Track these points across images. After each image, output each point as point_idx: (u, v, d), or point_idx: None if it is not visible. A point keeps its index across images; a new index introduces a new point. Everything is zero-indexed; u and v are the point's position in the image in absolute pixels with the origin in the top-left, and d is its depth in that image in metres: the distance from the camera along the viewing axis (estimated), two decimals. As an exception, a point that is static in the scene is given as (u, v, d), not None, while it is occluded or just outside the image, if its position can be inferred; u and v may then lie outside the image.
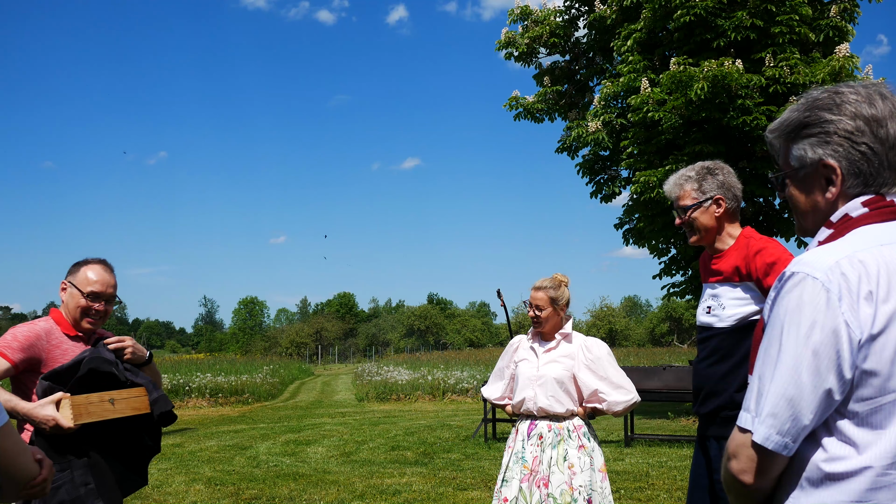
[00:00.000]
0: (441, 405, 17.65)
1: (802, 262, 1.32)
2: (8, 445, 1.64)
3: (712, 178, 2.86)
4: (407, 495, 6.83)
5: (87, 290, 2.89)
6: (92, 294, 2.89)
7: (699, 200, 2.85)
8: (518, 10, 13.89)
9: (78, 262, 2.97)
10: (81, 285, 2.89)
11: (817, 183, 1.42)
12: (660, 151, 11.90)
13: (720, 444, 2.79)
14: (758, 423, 1.29)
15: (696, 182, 2.87)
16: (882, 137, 1.36)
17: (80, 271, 2.92)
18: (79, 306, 2.88)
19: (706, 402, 2.87)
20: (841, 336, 1.25)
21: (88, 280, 2.90)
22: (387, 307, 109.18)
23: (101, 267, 2.95)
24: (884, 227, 1.35)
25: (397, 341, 76.27)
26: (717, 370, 2.81)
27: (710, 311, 2.87)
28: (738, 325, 2.77)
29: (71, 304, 2.89)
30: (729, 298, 2.80)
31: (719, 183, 2.86)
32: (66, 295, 2.91)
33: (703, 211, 2.86)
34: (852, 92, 1.39)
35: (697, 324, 2.97)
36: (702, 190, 2.86)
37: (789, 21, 11.00)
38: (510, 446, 3.65)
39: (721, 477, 1.40)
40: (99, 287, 2.91)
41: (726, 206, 2.86)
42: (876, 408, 1.26)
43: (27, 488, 1.75)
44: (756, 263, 2.72)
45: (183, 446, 10.60)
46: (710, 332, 2.86)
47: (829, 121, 1.38)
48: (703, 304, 2.93)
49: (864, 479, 1.25)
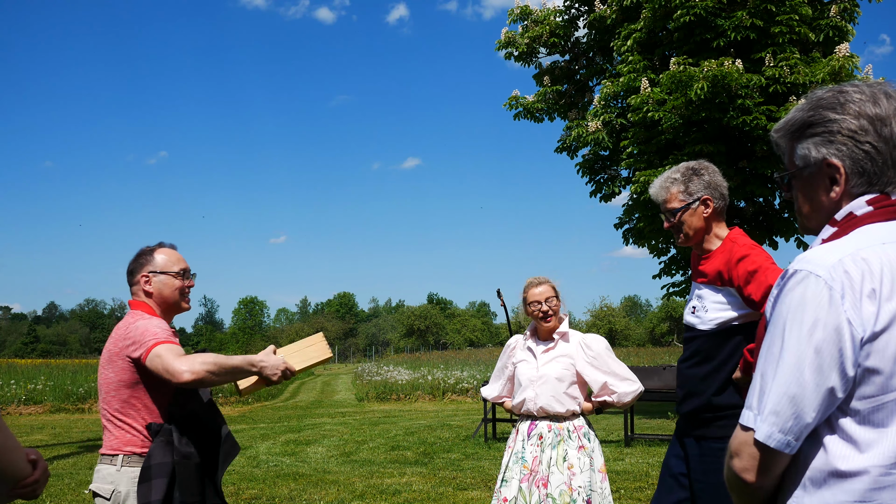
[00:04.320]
0: (441, 405, 17.65)
1: (805, 260, 1.32)
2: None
3: (698, 178, 2.82)
4: (407, 495, 6.82)
5: (177, 268, 2.85)
6: (184, 270, 2.87)
7: (687, 202, 2.82)
8: (518, 10, 13.89)
9: (142, 253, 2.88)
10: (169, 267, 2.84)
11: (822, 182, 1.41)
12: (660, 151, 11.89)
13: (700, 444, 2.80)
14: (760, 420, 1.29)
15: (682, 184, 2.83)
16: (886, 136, 1.35)
17: (155, 258, 2.85)
18: (176, 288, 2.84)
19: (686, 402, 2.87)
20: (843, 334, 1.25)
21: (174, 259, 2.86)
22: (387, 307, 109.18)
23: (168, 248, 2.91)
24: (888, 225, 1.35)
25: (397, 341, 76.28)
26: (698, 372, 2.81)
27: (694, 311, 2.86)
28: (719, 329, 2.75)
29: (166, 290, 2.83)
30: (711, 301, 2.79)
31: (706, 183, 2.82)
32: (154, 285, 2.82)
33: (691, 213, 2.82)
34: (856, 91, 1.39)
35: (684, 322, 2.96)
36: (689, 192, 2.82)
37: (789, 21, 10.99)
38: (510, 446, 3.65)
39: (724, 476, 1.40)
40: (184, 263, 2.89)
41: (714, 206, 2.83)
42: (878, 406, 1.26)
43: (19, 488, 1.72)
44: (738, 271, 2.69)
45: (183, 446, 10.59)
46: (694, 332, 2.85)
47: (832, 120, 1.38)
48: (690, 304, 2.93)
49: (866, 479, 1.25)
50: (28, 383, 18.36)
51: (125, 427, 2.66)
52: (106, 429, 2.71)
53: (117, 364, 2.69)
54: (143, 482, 2.54)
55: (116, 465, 2.62)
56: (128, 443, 2.64)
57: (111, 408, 2.68)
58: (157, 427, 2.62)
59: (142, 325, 2.68)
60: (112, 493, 2.60)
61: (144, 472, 2.55)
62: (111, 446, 2.66)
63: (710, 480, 2.73)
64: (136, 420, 2.66)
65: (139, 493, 2.54)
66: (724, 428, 2.71)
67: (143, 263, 2.85)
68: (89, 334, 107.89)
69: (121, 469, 2.61)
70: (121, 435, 2.65)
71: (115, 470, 2.62)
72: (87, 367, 25.27)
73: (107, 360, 2.73)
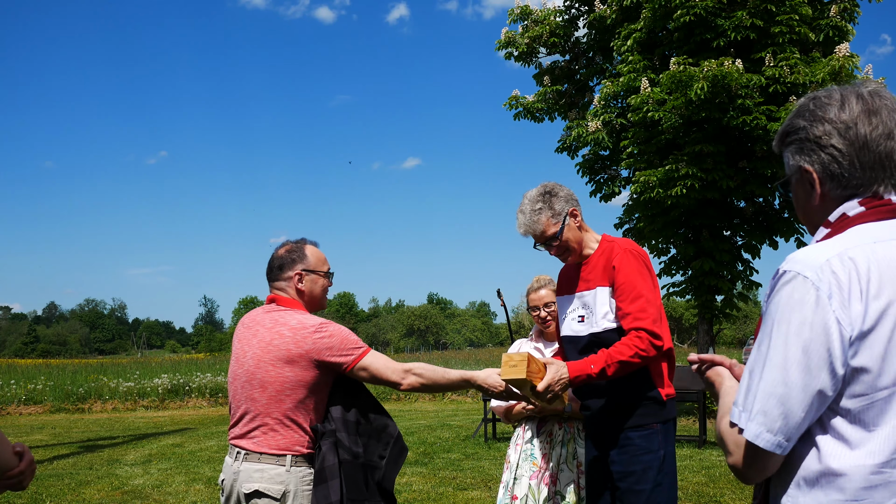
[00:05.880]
0: (441, 405, 17.65)
1: (794, 261, 1.34)
2: None
3: (556, 198, 2.95)
4: (407, 495, 6.82)
5: (325, 268, 2.91)
6: (330, 272, 2.93)
7: (560, 223, 2.94)
8: (518, 10, 13.88)
9: (292, 250, 2.89)
10: (319, 266, 2.89)
11: (804, 188, 1.46)
12: (660, 151, 11.89)
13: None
14: (746, 419, 1.31)
15: (548, 209, 2.94)
16: (851, 139, 1.38)
17: (308, 256, 2.87)
18: (325, 288, 2.91)
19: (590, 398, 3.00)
20: (832, 333, 1.26)
21: (321, 259, 2.91)
22: (387, 307, 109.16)
23: (312, 246, 2.94)
24: (880, 224, 1.36)
25: (397, 341, 76.30)
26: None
27: (583, 319, 2.98)
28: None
29: (316, 289, 2.87)
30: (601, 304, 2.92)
31: (564, 197, 2.97)
32: (306, 283, 2.84)
33: (568, 229, 2.96)
34: (827, 96, 1.43)
35: (568, 335, 3.07)
36: (556, 213, 2.94)
37: (789, 21, 10.99)
38: (517, 444, 3.63)
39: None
40: (328, 262, 2.95)
41: (580, 214, 3.00)
42: (868, 405, 1.27)
43: (5, 479, 1.77)
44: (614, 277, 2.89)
45: (183, 446, 10.60)
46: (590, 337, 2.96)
47: (802, 127, 1.44)
48: (572, 315, 3.03)
49: (858, 478, 1.26)
50: (28, 383, 18.38)
51: (294, 427, 2.64)
52: (270, 428, 2.64)
53: (300, 364, 2.64)
54: (319, 484, 2.56)
55: (286, 465, 2.61)
56: (297, 443, 2.64)
57: (283, 407, 2.64)
58: (323, 429, 2.63)
59: (336, 331, 2.70)
60: (283, 493, 2.58)
61: (319, 474, 2.57)
62: (279, 446, 2.63)
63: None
64: (305, 421, 2.65)
65: (316, 496, 2.55)
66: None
67: (295, 259, 2.84)
68: (89, 334, 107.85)
69: (290, 469, 2.60)
70: (290, 435, 2.64)
71: (284, 470, 2.60)
72: (86, 367, 25.27)
73: (282, 359, 2.65)
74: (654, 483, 2.79)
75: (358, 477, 2.61)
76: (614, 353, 2.70)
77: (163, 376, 19.71)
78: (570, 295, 3.05)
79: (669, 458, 2.85)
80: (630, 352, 2.70)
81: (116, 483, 7.77)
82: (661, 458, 2.81)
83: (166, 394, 18.45)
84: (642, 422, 2.83)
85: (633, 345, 2.70)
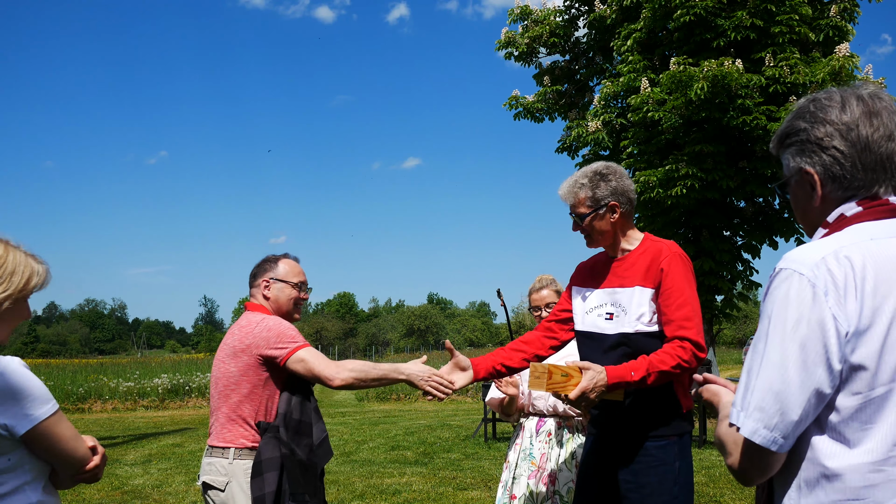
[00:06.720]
0: (441, 405, 17.65)
1: (790, 259, 1.34)
2: (62, 430, 1.82)
3: (605, 184, 2.82)
4: (407, 495, 6.83)
5: (296, 280, 3.00)
6: (301, 283, 3.02)
7: (594, 209, 2.81)
8: (518, 10, 13.88)
9: (266, 260, 3.05)
10: (289, 277, 2.99)
11: (804, 190, 1.46)
12: (660, 151, 11.89)
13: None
14: (744, 416, 1.30)
15: (589, 189, 2.82)
16: (853, 140, 1.38)
17: (278, 266, 3.01)
18: (291, 298, 2.99)
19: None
20: (828, 329, 1.26)
21: (294, 271, 3.02)
22: (387, 307, 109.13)
23: (292, 260, 3.06)
24: (877, 224, 1.37)
25: (397, 341, 76.31)
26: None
27: (612, 317, 2.80)
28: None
29: (282, 297, 2.98)
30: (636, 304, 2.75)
31: (612, 189, 2.82)
32: (272, 291, 2.98)
33: (598, 218, 2.82)
34: (827, 98, 1.43)
35: (598, 332, 2.86)
36: (595, 198, 2.81)
37: (789, 21, 10.99)
38: (517, 443, 3.63)
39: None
40: (303, 276, 3.05)
41: (621, 211, 2.84)
42: (865, 403, 1.27)
43: (80, 474, 1.89)
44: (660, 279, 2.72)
45: (183, 446, 10.60)
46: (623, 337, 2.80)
47: (802, 129, 1.43)
48: (599, 310, 2.85)
49: (857, 476, 1.26)
50: (28, 383, 18.34)
51: (240, 422, 2.77)
52: (219, 422, 2.81)
53: (242, 359, 2.78)
54: (256, 476, 2.68)
55: (229, 458, 2.74)
56: (241, 437, 2.76)
57: (230, 402, 2.78)
58: (266, 424, 2.74)
59: (274, 325, 2.81)
60: (226, 484, 2.72)
61: (256, 466, 2.68)
62: (224, 439, 2.77)
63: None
64: (251, 416, 2.77)
65: (252, 486, 2.67)
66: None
67: (266, 269, 3.01)
68: (89, 334, 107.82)
69: (233, 462, 2.73)
70: (235, 430, 2.77)
71: (227, 462, 2.74)
72: (86, 367, 25.28)
73: (229, 355, 2.81)
74: (671, 496, 2.67)
75: (296, 471, 2.73)
76: (656, 362, 2.54)
77: (163, 376, 19.73)
78: (594, 289, 2.90)
79: (685, 471, 2.73)
80: (673, 362, 2.54)
81: (116, 483, 7.78)
82: (677, 470, 2.69)
83: (166, 394, 18.47)
84: (660, 432, 2.69)
85: (677, 355, 2.54)
